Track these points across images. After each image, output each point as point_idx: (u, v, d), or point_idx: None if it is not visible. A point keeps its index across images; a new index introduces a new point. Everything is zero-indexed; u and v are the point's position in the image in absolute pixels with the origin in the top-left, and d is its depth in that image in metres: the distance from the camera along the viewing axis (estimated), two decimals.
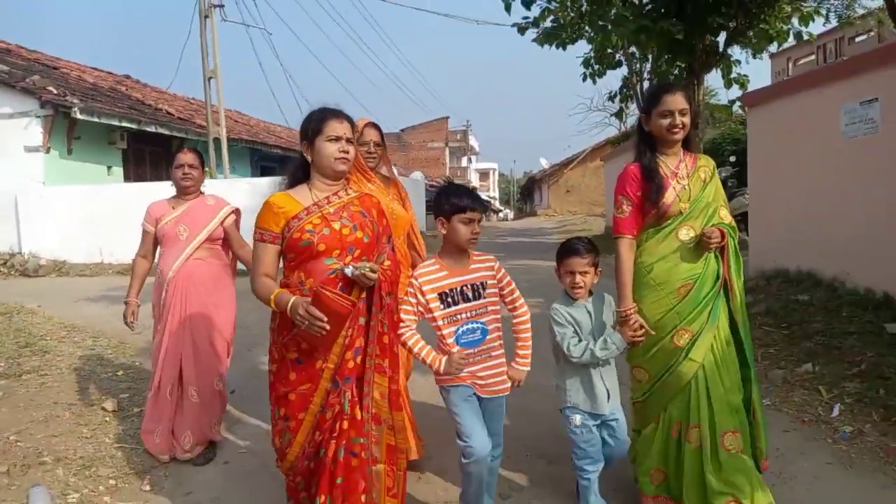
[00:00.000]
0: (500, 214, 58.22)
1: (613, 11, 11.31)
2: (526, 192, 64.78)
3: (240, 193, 8.04)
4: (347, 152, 2.36)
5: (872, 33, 17.37)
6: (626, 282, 2.64)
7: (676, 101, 2.58)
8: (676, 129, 2.60)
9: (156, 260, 3.62)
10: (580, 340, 2.61)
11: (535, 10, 12.61)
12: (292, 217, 2.31)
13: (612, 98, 15.77)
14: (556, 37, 12.92)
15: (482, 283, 2.59)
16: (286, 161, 16.93)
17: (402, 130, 53.28)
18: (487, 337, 2.57)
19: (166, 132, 13.67)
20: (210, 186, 3.94)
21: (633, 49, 14.12)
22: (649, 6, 11.14)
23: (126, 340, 5.60)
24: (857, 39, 18.30)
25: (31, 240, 10.95)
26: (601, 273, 2.72)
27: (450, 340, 2.53)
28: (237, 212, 3.70)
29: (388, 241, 2.52)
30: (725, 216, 2.70)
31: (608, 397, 2.62)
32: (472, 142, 59.81)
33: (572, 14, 12.84)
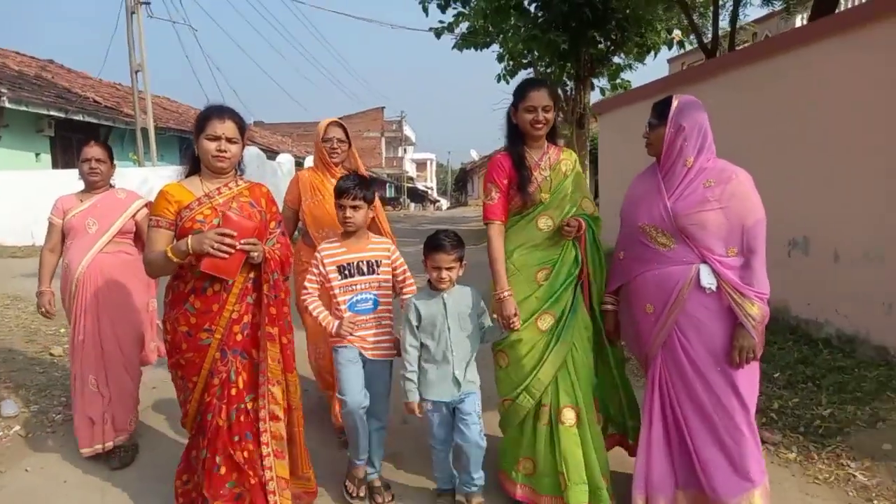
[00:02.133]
0: (437, 204, 59.52)
1: (510, 21, 12.57)
2: (460, 183, 66.28)
3: (166, 180, 8.89)
4: (225, 151, 2.46)
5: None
6: (499, 266, 2.71)
7: (541, 97, 2.67)
8: (539, 125, 2.70)
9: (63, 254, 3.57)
10: (416, 338, 2.68)
11: (449, 15, 13.68)
12: (184, 207, 2.45)
13: None
14: (472, 41, 14.19)
15: (377, 261, 2.86)
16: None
17: (339, 119, 52.93)
18: (378, 307, 2.85)
19: (94, 120, 14.20)
20: (137, 174, 4.38)
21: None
22: (541, 18, 12.51)
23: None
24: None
25: None
26: (466, 265, 2.74)
27: (343, 307, 2.81)
28: (150, 205, 3.51)
29: (278, 226, 2.69)
30: (588, 207, 2.82)
31: (455, 387, 2.64)
32: (408, 132, 60.65)
33: (481, 20, 14.05)
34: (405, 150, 59.15)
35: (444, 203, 62.05)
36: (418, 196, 57.90)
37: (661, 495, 2.50)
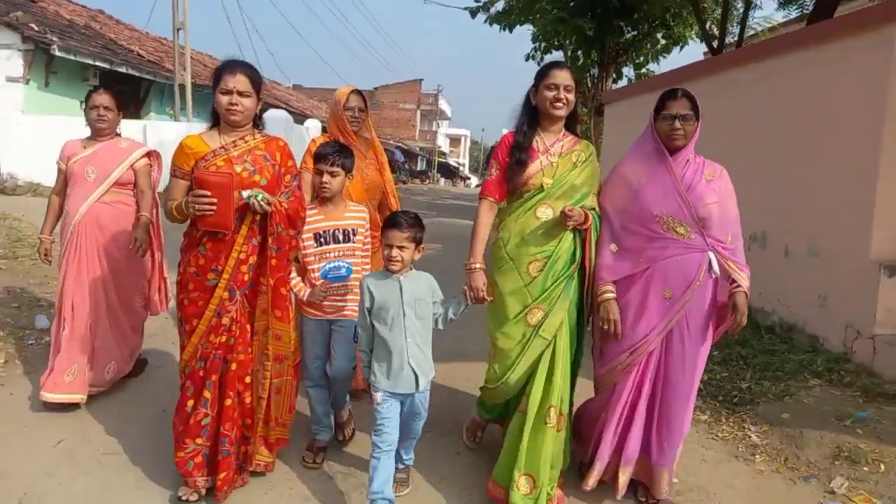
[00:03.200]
0: (467, 181, 59.81)
1: (541, 2, 12.80)
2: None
3: None
4: (236, 105, 2.50)
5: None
6: (476, 238, 2.70)
7: (563, 76, 2.64)
8: (559, 104, 2.64)
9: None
10: (368, 315, 2.54)
11: None
12: (200, 158, 2.54)
13: None
14: (505, 19, 14.48)
15: (353, 230, 2.88)
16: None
17: (376, 89, 53.21)
18: (351, 276, 2.86)
19: (136, 73, 14.90)
20: (172, 128, 4.28)
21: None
22: (571, 2, 12.75)
23: None
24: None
25: (9, 162, 12.23)
26: (424, 250, 2.64)
27: (316, 274, 2.84)
28: (153, 155, 3.66)
29: (294, 179, 2.71)
30: (596, 204, 2.73)
31: (410, 377, 2.48)
32: (444, 106, 60.77)
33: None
34: (439, 124, 59.30)
35: (474, 180, 62.19)
36: (449, 171, 58.16)
37: (630, 465, 2.70)
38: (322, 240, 2.85)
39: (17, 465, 2.80)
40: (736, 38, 9.52)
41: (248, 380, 2.61)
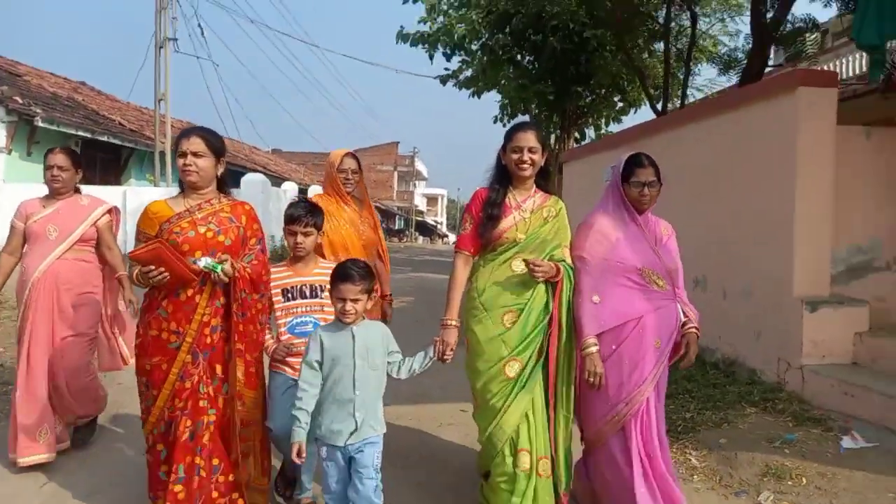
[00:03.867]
0: (445, 239, 60.64)
1: (506, 71, 13.63)
2: None
3: None
4: (190, 165, 2.59)
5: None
6: (453, 294, 2.76)
7: (527, 138, 2.72)
8: (525, 165, 2.73)
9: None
10: (312, 368, 2.46)
11: (455, 62, 14.75)
12: (164, 221, 2.60)
13: None
14: (473, 85, 15.28)
15: (321, 286, 2.90)
16: (231, 174, 18.63)
17: (354, 152, 54.15)
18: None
19: (118, 142, 15.35)
20: (151, 193, 4.22)
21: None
22: (532, 70, 13.60)
23: None
24: None
25: None
26: (374, 299, 2.73)
27: (283, 329, 2.89)
28: (113, 211, 3.71)
29: (259, 242, 2.77)
30: (567, 256, 2.80)
31: (354, 429, 2.42)
32: (420, 167, 62.19)
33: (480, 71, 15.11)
34: (416, 184, 60.48)
35: (452, 237, 63.01)
36: (427, 230, 59.01)
37: None
38: (290, 295, 2.90)
39: None
40: (679, 102, 10.29)
41: (198, 449, 2.52)
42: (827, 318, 4.49)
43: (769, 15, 7.35)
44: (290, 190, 15.69)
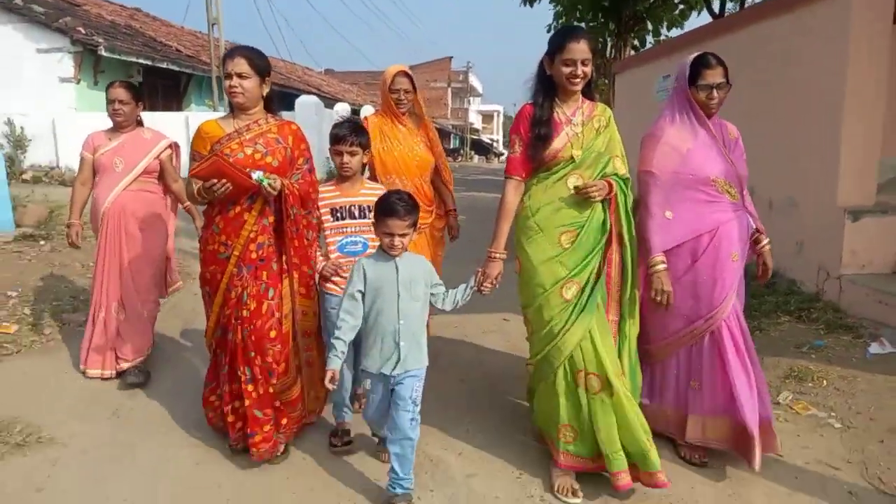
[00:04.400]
0: (501, 157, 59.98)
1: None
2: None
3: None
4: (236, 87, 2.63)
5: None
6: (502, 221, 2.62)
7: (581, 49, 2.48)
8: (577, 79, 2.52)
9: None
10: (354, 300, 2.43)
11: None
12: (215, 141, 2.67)
13: None
14: None
15: (369, 207, 2.82)
16: (284, 97, 18.94)
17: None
18: (367, 250, 2.86)
19: (176, 68, 15.77)
20: (211, 117, 3.61)
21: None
22: None
23: None
24: None
25: (66, 156, 13.23)
26: (422, 229, 2.79)
27: (333, 247, 2.90)
28: (174, 146, 3.86)
29: (306, 162, 2.83)
30: (619, 167, 2.62)
31: (398, 359, 2.41)
32: (475, 82, 60.76)
33: None
34: (470, 101, 59.36)
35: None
36: (483, 148, 58.33)
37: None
38: (339, 215, 2.91)
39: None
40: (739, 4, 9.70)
41: (251, 354, 2.65)
42: (869, 227, 4.46)
43: None
44: (342, 111, 15.87)
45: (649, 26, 14.03)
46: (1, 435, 2.99)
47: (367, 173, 3.26)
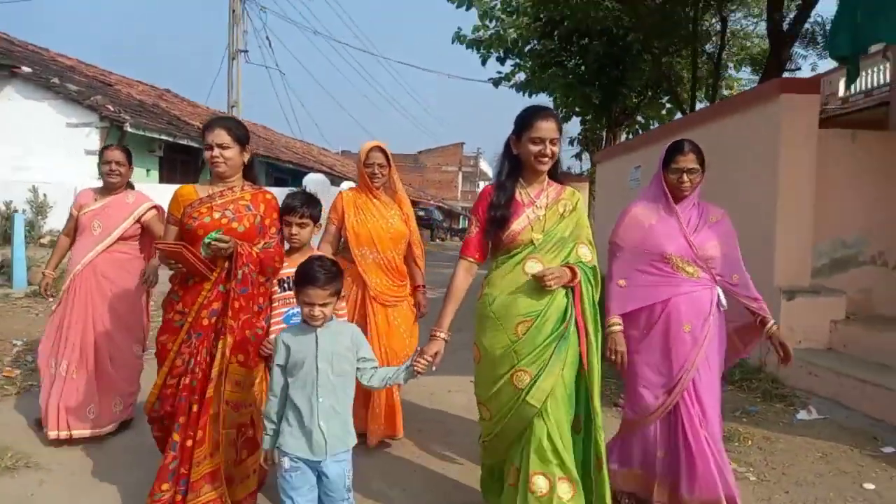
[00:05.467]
0: None
1: (549, 71, 14.07)
2: None
3: None
4: (217, 157, 2.68)
5: None
6: (448, 302, 2.52)
7: (549, 128, 2.44)
8: (545, 158, 2.47)
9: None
10: (281, 374, 2.31)
11: (508, 66, 15.27)
12: (188, 204, 2.72)
13: (570, 143, 18.77)
14: (526, 88, 15.83)
15: None
16: (297, 174, 19.93)
17: (419, 153, 55.63)
18: None
19: (196, 145, 16.82)
20: None
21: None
22: (578, 71, 14.00)
23: None
24: None
25: None
26: (345, 298, 2.68)
27: (275, 319, 2.81)
28: (159, 208, 3.76)
29: (278, 233, 2.83)
30: (585, 254, 2.54)
31: (317, 442, 2.24)
32: (485, 167, 62.80)
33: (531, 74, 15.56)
34: (479, 184, 61.04)
35: None
36: None
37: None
38: (286, 285, 2.84)
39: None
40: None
41: (188, 427, 2.53)
42: (803, 306, 4.87)
43: (790, 17, 7.58)
44: (346, 188, 16.65)
45: (640, 120, 15.00)
46: None
47: (340, 245, 3.45)
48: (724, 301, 2.73)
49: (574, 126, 17.17)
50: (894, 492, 3.22)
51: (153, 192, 4.45)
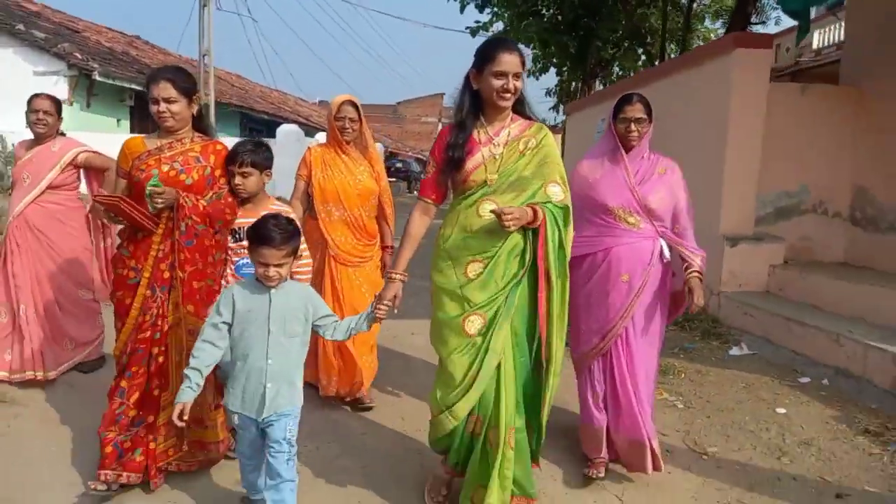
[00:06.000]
0: None
1: (524, 23, 14.01)
2: None
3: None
4: (164, 112, 2.61)
5: None
6: (404, 244, 2.48)
7: (513, 62, 2.30)
8: (508, 94, 2.33)
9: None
10: (217, 329, 2.23)
11: (486, 14, 15.11)
12: (136, 157, 2.67)
13: (548, 94, 18.81)
14: (504, 36, 15.71)
15: None
16: (272, 125, 19.74)
17: (398, 104, 54.84)
18: None
19: None
20: None
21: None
22: (554, 20, 13.95)
23: None
24: None
25: None
26: (302, 256, 2.60)
27: (230, 269, 2.79)
28: (92, 151, 3.73)
29: (228, 184, 2.75)
30: (554, 193, 2.38)
31: (262, 402, 2.21)
32: None
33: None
34: None
35: None
36: None
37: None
38: (238, 235, 2.78)
39: None
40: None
41: (155, 381, 2.60)
42: (745, 252, 5.17)
43: None
44: (321, 139, 16.60)
45: (617, 71, 15.05)
46: None
47: (306, 201, 3.43)
48: (667, 253, 2.77)
49: (551, 78, 17.21)
50: (803, 415, 3.58)
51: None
